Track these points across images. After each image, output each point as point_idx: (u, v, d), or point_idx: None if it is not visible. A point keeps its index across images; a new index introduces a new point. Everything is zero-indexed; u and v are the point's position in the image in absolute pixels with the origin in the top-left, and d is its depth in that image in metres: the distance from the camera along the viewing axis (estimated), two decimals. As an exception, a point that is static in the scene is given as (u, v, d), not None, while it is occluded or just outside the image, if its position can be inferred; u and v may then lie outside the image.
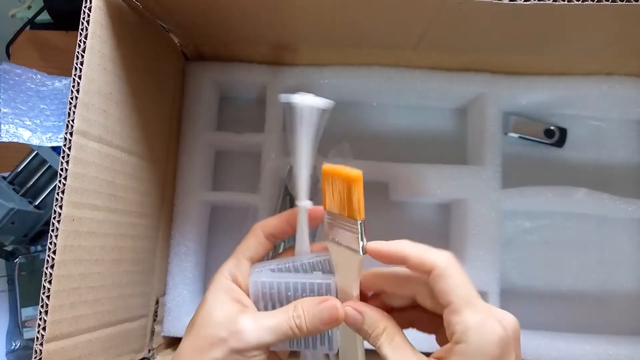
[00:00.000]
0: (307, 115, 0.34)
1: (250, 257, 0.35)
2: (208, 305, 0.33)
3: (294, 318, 0.32)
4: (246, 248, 0.35)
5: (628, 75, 0.55)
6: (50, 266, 0.35)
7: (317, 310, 0.32)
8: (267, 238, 0.36)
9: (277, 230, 0.36)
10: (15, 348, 0.60)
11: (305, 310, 0.32)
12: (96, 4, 0.38)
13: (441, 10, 0.40)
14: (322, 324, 0.32)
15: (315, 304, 0.32)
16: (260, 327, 0.31)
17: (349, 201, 0.31)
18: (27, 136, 0.52)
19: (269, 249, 0.36)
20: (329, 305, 0.32)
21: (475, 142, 0.58)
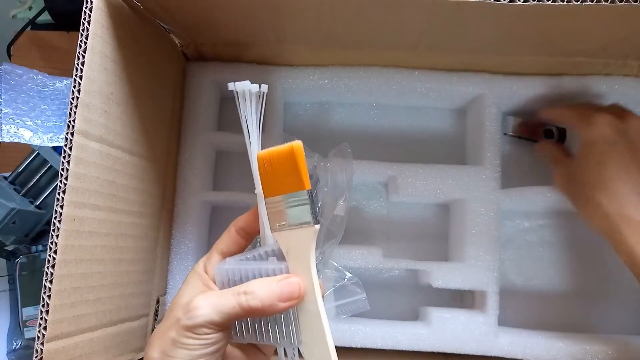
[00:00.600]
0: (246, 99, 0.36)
1: (221, 250, 0.37)
2: (180, 290, 0.36)
3: (244, 295, 0.32)
4: (218, 242, 0.37)
5: (627, 76, 0.55)
6: (51, 266, 0.35)
7: (275, 286, 0.32)
8: (238, 232, 0.37)
9: (246, 223, 0.37)
10: (16, 347, 0.60)
11: (260, 288, 0.32)
12: (97, 4, 0.38)
13: (441, 10, 0.40)
14: (280, 301, 0.32)
15: (272, 281, 0.32)
16: (208, 304, 0.32)
17: (293, 174, 0.31)
18: (28, 136, 0.52)
19: (240, 243, 0.37)
20: (289, 281, 0.32)
21: (475, 142, 0.58)
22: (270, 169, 0.32)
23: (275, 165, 0.32)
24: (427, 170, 0.55)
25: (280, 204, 0.32)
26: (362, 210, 0.61)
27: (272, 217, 0.33)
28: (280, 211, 0.33)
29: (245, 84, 0.36)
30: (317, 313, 0.32)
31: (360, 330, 0.52)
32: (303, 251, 0.32)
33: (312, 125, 0.62)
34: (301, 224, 0.32)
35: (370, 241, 0.60)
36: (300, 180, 0.31)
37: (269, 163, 0.32)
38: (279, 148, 0.32)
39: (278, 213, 0.33)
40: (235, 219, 0.38)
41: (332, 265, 0.55)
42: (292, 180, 0.31)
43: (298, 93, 0.59)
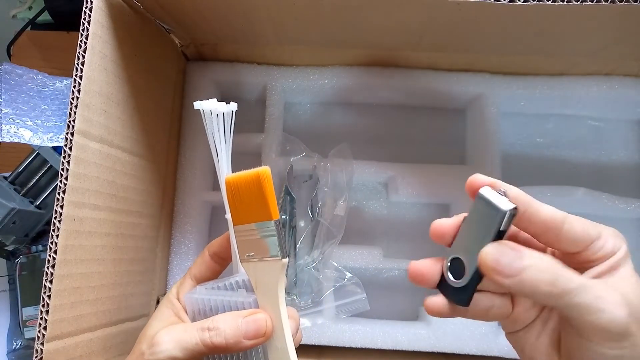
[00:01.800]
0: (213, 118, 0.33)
1: (194, 276, 0.36)
2: (151, 320, 0.34)
3: (208, 331, 0.30)
4: (193, 267, 0.36)
5: (627, 76, 0.55)
6: (51, 266, 0.35)
7: (240, 323, 0.30)
8: (212, 257, 0.35)
9: (219, 249, 0.35)
10: (16, 347, 0.60)
11: (225, 324, 0.30)
12: (97, 4, 0.38)
13: (440, 10, 0.40)
14: (246, 338, 0.30)
15: (238, 317, 0.30)
16: (171, 339, 0.30)
17: (260, 202, 0.29)
18: (28, 136, 0.52)
19: (214, 269, 0.36)
20: (256, 318, 0.30)
21: (475, 142, 0.58)
22: (237, 195, 0.30)
23: (242, 191, 0.30)
24: (427, 170, 0.55)
25: (249, 233, 0.30)
26: (362, 210, 0.61)
27: (241, 246, 0.31)
28: (249, 241, 0.30)
29: (212, 103, 0.33)
30: (285, 351, 0.30)
31: (360, 330, 0.52)
32: (271, 285, 0.30)
33: (312, 125, 0.62)
34: (270, 257, 0.30)
35: (370, 241, 0.60)
36: (268, 210, 0.29)
37: (236, 189, 0.30)
38: (246, 174, 0.30)
39: (247, 242, 0.30)
40: (210, 243, 0.36)
41: (332, 265, 0.55)
42: (260, 209, 0.29)
43: (298, 93, 0.59)
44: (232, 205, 0.31)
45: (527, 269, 0.24)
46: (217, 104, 0.33)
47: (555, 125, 0.61)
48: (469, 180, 0.29)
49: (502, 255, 0.25)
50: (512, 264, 0.24)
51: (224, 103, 0.34)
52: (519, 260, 0.24)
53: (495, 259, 0.25)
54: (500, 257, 0.25)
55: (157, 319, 0.34)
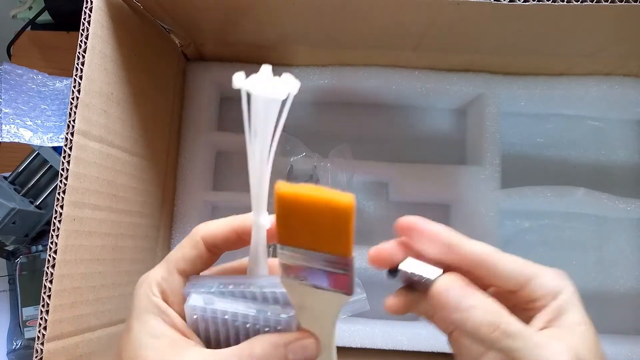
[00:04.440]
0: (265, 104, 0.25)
1: (184, 271, 0.27)
2: (134, 337, 0.25)
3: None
4: (181, 258, 0.27)
5: (627, 76, 0.55)
6: (51, 266, 0.35)
7: (285, 353, 0.25)
8: (209, 250, 0.27)
9: (222, 242, 0.27)
10: (16, 347, 0.60)
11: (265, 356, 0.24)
12: (97, 4, 0.38)
13: (440, 11, 0.40)
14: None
15: (281, 344, 0.25)
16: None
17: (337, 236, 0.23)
18: (28, 136, 0.52)
19: (210, 262, 0.28)
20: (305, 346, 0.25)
21: (475, 142, 0.58)
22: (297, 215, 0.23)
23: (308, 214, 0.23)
24: (427, 170, 0.55)
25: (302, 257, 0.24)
26: (362, 210, 0.61)
27: (287, 267, 0.25)
28: (302, 266, 0.25)
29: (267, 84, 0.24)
30: None
31: (360, 330, 0.52)
32: (326, 316, 0.26)
33: (312, 125, 0.62)
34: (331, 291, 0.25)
35: (370, 241, 0.60)
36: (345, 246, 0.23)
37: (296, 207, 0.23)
38: (319, 197, 0.22)
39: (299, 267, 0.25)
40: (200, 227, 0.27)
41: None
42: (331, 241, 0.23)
43: (298, 93, 0.59)
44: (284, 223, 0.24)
45: (473, 308, 0.23)
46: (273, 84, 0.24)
47: (555, 125, 0.61)
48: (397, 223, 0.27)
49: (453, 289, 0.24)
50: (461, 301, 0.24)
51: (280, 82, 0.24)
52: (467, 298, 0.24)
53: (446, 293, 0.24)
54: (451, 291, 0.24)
55: (147, 336, 0.25)
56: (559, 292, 0.25)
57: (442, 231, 0.26)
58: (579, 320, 0.25)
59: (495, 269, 0.25)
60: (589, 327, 0.25)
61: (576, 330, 0.25)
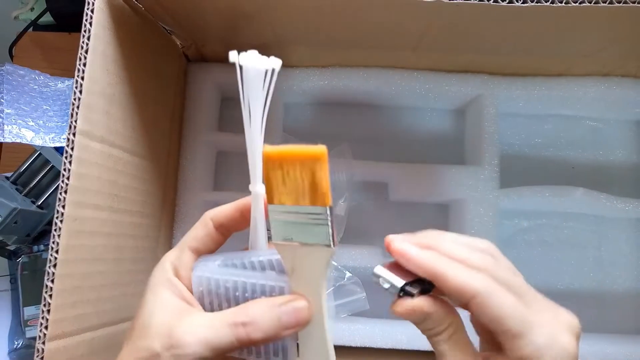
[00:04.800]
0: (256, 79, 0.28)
1: (196, 249, 0.30)
2: (147, 306, 0.28)
3: (243, 327, 0.26)
4: (192, 238, 0.30)
5: (625, 76, 0.55)
6: (53, 265, 0.35)
7: (278, 312, 0.26)
8: (217, 229, 0.30)
9: (228, 220, 0.30)
10: (18, 347, 0.60)
11: (263, 317, 0.26)
12: (98, 5, 0.38)
13: (440, 12, 0.40)
14: (284, 329, 0.26)
15: (275, 306, 0.26)
16: (198, 341, 0.25)
17: (312, 185, 0.25)
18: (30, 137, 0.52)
19: (219, 241, 0.30)
20: (296, 306, 0.27)
21: (473, 143, 0.58)
22: (280, 172, 0.26)
23: (288, 169, 0.26)
24: (426, 170, 0.56)
25: (290, 215, 0.27)
26: (362, 210, 0.61)
27: (276, 227, 0.27)
28: (290, 223, 0.27)
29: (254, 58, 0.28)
30: (323, 338, 0.28)
31: (360, 329, 0.53)
32: (314, 274, 0.27)
33: (312, 125, 0.63)
34: (317, 243, 0.26)
35: (370, 241, 0.60)
36: (321, 195, 0.25)
37: (279, 165, 0.26)
38: (295, 150, 0.26)
39: (286, 225, 0.27)
40: (210, 212, 0.31)
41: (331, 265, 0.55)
42: (311, 192, 0.26)
43: (298, 93, 0.60)
44: (270, 182, 0.26)
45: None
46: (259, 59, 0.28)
47: (553, 126, 0.61)
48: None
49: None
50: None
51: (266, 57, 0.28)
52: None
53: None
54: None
55: (158, 305, 0.28)
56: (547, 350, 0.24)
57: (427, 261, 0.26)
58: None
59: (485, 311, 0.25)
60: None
61: None
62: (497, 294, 0.24)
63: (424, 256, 0.26)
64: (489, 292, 0.24)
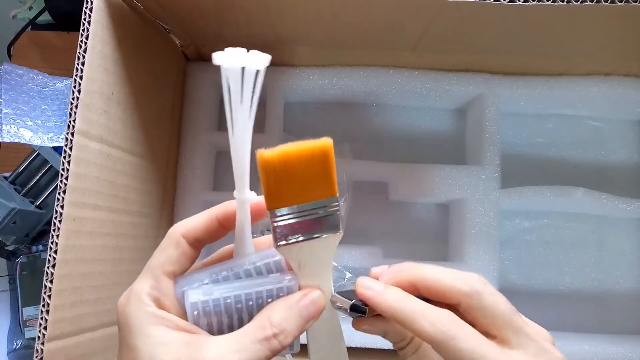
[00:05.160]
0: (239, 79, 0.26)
1: (172, 272, 0.27)
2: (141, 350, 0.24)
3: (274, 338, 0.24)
4: (165, 261, 0.27)
5: (627, 76, 0.55)
6: (52, 265, 0.35)
7: (298, 310, 0.26)
8: (192, 245, 0.27)
9: (204, 234, 0.28)
10: (17, 347, 0.60)
11: (285, 320, 0.25)
12: (97, 4, 0.38)
13: (440, 11, 0.40)
14: (306, 323, 0.26)
15: (293, 306, 0.26)
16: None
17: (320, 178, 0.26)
18: (28, 136, 0.52)
19: (194, 258, 0.28)
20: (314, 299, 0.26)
21: (474, 142, 0.58)
22: (283, 174, 0.25)
23: (293, 169, 0.25)
24: (427, 170, 0.55)
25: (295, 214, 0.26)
26: (362, 210, 0.61)
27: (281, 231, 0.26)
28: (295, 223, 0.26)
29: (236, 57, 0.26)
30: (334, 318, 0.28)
31: (360, 330, 0.52)
32: (323, 261, 0.27)
33: (312, 125, 0.62)
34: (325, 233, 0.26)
35: (370, 241, 0.60)
36: (330, 185, 0.26)
37: (281, 167, 0.25)
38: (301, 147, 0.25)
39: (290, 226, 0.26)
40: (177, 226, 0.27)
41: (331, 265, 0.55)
42: (318, 186, 0.26)
43: (298, 93, 0.59)
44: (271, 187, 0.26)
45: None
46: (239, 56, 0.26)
47: (555, 126, 0.61)
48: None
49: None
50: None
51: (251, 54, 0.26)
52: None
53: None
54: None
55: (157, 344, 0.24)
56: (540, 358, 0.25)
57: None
58: None
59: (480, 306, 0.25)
60: None
61: None
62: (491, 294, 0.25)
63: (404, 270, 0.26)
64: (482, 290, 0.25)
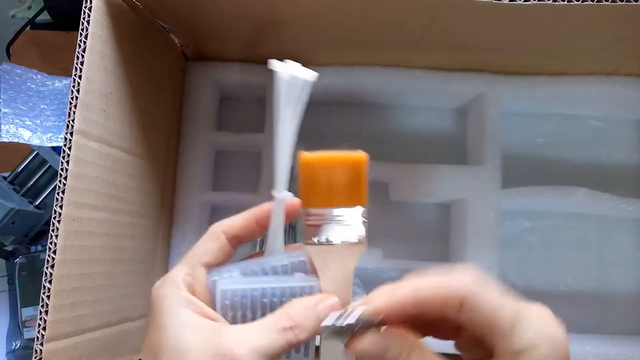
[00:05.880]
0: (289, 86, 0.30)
1: (208, 263, 0.29)
2: (168, 328, 0.26)
3: (291, 330, 0.26)
4: (203, 252, 0.30)
5: (628, 75, 0.55)
6: (51, 266, 0.35)
7: (316, 312, 0.27)
8: (230, 241, 0.30)
9: (242, 231, 0.30)
10: (16, 348, 0.60)
11: (305, 318, 0.27)
12: (96, 4, 0.38)
13: (441, 10, 0.40)
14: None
15: (311, 306, 0.27)
16: (250, 350, 0.25)
17: (352, 187, 0.28)
18: (27, 136, 0.52)
19: (230, 254, 0.31)
20: (332, 303, 0.28)
21: (475, 142, 0.58)
22: (319, 177, 0.28)
23: (328, 174, 0.28)
24: (427, 170, 0.55)
25: (325, 217, 0.28)
26: (362, 211, 0.61)
27: (310, 230, 0.28)
28: (324, 225, 0.28)
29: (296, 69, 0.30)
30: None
31: (360, 330, 0.52)
32: (345, 269, 0.29)
33: (313, 124, 0.62)
34: (349, 242, 0.28)
35: (370, 242, 0.59)
36: (360, 196, 0.28)
37: (319, 170, 0.28)
38: (337, 156, 0.28)
39: (319, 227, 0.28)
40: (219, 224, 0.31)
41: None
42: (349, 194, 0.28)
43: (298, 93, 0.59)
44: (308, 187, 0.28)
45: None
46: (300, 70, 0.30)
47: (556, 125, 0.61)
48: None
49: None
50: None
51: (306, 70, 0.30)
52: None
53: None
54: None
55: (184, 326, 0.26)
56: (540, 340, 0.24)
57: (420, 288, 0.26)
58: None
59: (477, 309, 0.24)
60: None
61: None
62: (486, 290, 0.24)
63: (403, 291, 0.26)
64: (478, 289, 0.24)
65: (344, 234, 0.28)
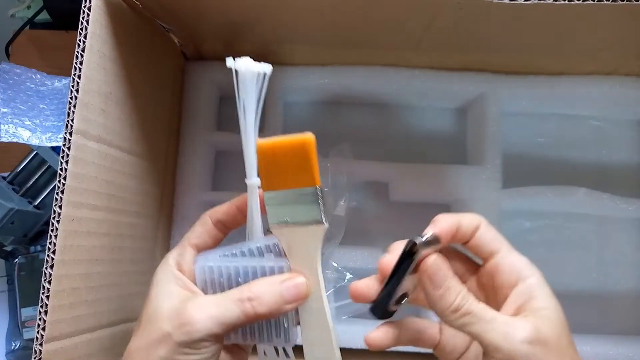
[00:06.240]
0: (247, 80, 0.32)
1: (196, 245, 0.33)
2: (153, 297, 0.31)
3: (249, 301, 0.29)
4: (193, 236, 0.33)
5: (628, 75, 0.55)
6: (50, 266, 0.35)
7: (279, 288, 0.29)
8: (216, 225, 0.33)
9: (226, 216, 0.33)
10: (15, 348, 0.60)
11: (266, 292, 0.29)
12: (96, 3, 0.38)
13: (441, 10, 0.40)
14: (286, 304, 0.29)
15: (276, 283, 0.30)
16: (207, 317, 0.28)
17: (302, 169, 0.29)
18: (26, 136, 0.52)
19: (218, 238, 0.34)
20: (296, 282, 0.30)
21: (475, 142, 0.58)
22: (273, 161, 0.30)
23: (280, 157, 0.30)
24: (428, 170, 0.55)
25: (283, 198, 0.30)
26: (362, 210, 0.60)
27: (272, 212, 0.31)
28: (283, 206, 0.30)
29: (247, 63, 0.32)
30: (322, 310, 0.31)
31: (360, 331, 0.52)
32: (309, 250, 0.30)
33: (313, 124, 0.62)
34: (308, 222, 0.30)
35: (370, 241, 0.59)
36: (311, 176, 0.29)
37: (272, 155, 0.30)
38: (286, 140, 0.29)
39: (279, 208, 0.30)
40: (209, 210, 0.34)
41: (332, 266, 0.54)
42: (301, 175, 0.29)
43: (298, 93, 0.59)
44: (266, 171, 0.31)
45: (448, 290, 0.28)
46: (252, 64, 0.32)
47: (556, 125, 0.61)
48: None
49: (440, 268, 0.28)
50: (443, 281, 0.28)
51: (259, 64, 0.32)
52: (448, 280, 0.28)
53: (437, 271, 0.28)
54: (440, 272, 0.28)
55: (164, 295, 0.30)
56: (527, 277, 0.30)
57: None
58: (546, 305, 0.28)
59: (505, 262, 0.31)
60: (555, 311, 0.28)
61: (542, 313, 0.27)
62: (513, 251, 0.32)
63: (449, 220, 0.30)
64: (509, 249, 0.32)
65: (301, 215, 0.30)
